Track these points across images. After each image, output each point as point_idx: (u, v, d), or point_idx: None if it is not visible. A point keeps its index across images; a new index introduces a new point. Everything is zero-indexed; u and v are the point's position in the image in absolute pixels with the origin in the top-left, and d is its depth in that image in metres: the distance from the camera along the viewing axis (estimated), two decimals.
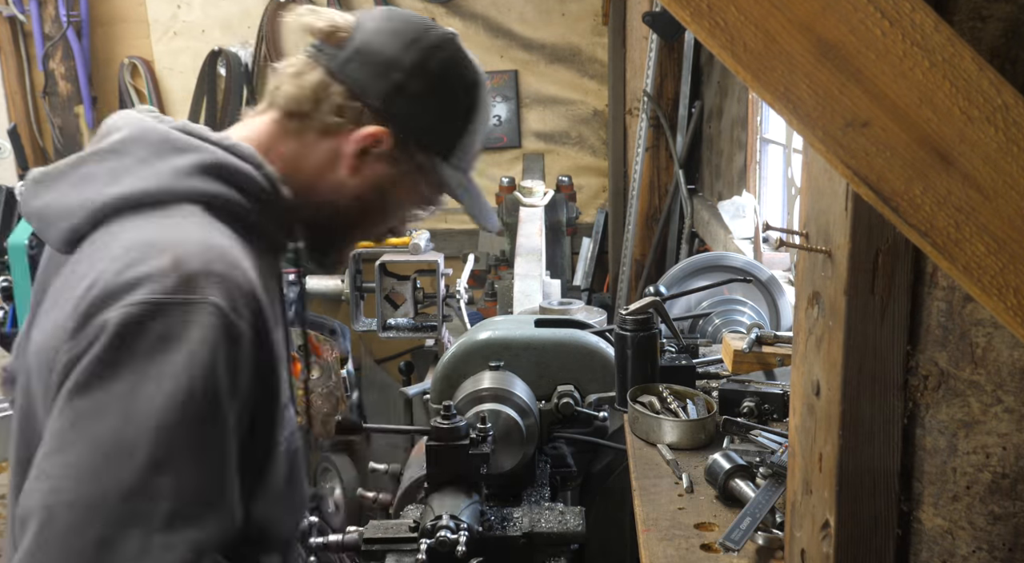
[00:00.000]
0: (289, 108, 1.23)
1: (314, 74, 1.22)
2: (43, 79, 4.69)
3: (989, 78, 0.64)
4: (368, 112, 1.22)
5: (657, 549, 1.25)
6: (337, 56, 1.22)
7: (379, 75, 1.21)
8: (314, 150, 1.24)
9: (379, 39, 1.23)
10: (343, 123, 1.22)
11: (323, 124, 1.22)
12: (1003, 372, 0.79)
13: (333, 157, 1.24)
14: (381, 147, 1.23)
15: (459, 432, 1.59)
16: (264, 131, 1.24)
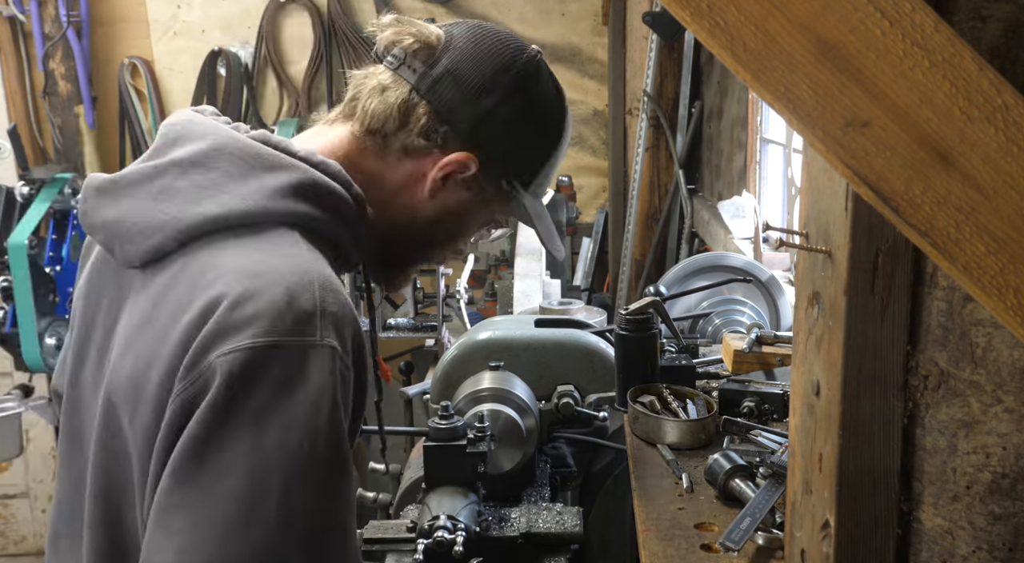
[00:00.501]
0: (372, 125, 1.18)
1: (400, 91, 1.17)
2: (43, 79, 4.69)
3: (989, 78, 0.64)
4: (454, 136, 1.17)
5: (657, 549, 1.25)
6: (427, 74, 1.17)
7: (470, 99, 1.17)
8: (395, 170, 1.19)
9: (471, 60, 1.18)
10: (428, 146, 1.17)
11: (407, 145, 1.18)
12: (1003, 372, 0.79)
13: (414, 178, 1.20)
14: (466, 173, 1.19)
15: (456, 432, 1.59)
16: (346, 146, 1.19)
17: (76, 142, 4.72)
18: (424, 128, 1.17)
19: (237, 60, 4.68)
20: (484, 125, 1.18)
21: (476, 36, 1.21)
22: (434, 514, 1.49)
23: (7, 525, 4.94)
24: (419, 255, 1.31)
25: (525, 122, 1.22)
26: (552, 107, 1.26)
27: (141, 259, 1.04)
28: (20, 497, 4.89)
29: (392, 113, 1.17)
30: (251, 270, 0.97)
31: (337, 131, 1.21)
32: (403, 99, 1.17)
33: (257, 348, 0.92)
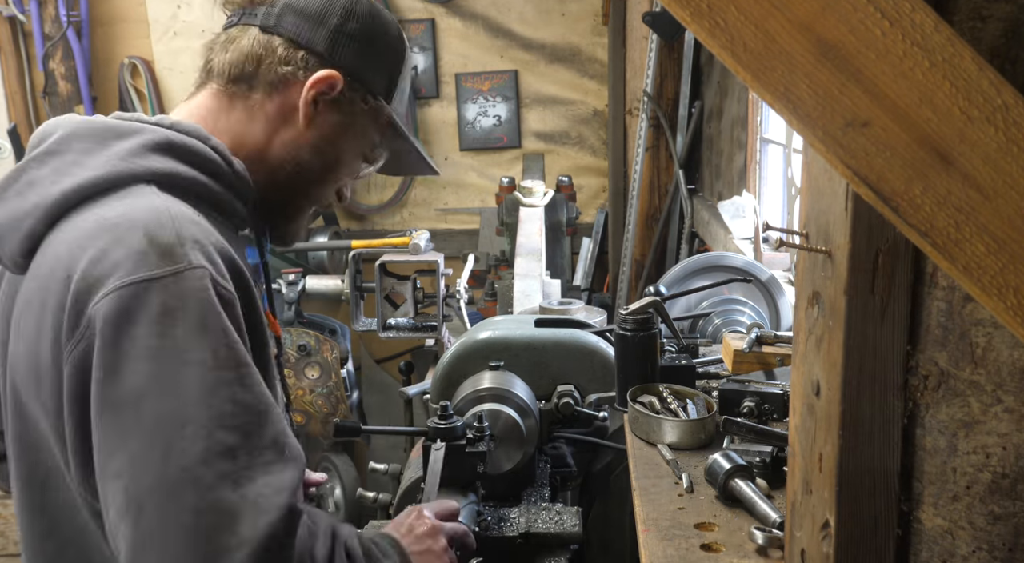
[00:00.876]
0: (232, 74, 1.23)
1: (249, 35, 1.24)
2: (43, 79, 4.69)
3: (989, 78, 0.64)
4: (313, 58, 1.22)
5: (657, 549, 1.25)
6: (269, 13, 1.24)
7: (317, 22, 1.23)
8: (264, 110, 1.23)
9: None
10: (291, 71, 1.22)
11: (271, 79, 1.22)
12: (1003, 372, 0.79)
13: (286, 111, 1.23)
14: (334, 92, 1.23)
15: (455, 432, 1.59)
16: (205, 105, 1.24)
17: None
18: (283, 57, 1.21)
19: None
20: (336, 42, 1.23)
21: None
22: None
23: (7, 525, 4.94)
24: (308, 194, 1.32)
25: (371, 35, 1.27)
26: (388, 21, 1.32)
27: (19, 251, 1.07)
28: None
29: (248, 55, 1.22)
30: (110, 223, 1.01)
31: (197, 97, 1.25)
32: (254, 39, 1.23)
33: (127, 287, 0.96)
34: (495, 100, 4.88)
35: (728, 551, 1.24)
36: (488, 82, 4.87)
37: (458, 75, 4.87)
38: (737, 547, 1.25)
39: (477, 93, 4.88)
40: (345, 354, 4.13)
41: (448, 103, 4.91)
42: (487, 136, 4.93)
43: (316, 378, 4.04)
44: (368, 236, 4.47)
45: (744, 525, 1.29)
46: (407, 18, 4.77)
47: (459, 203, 5.02)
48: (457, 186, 5.00)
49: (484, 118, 4.90)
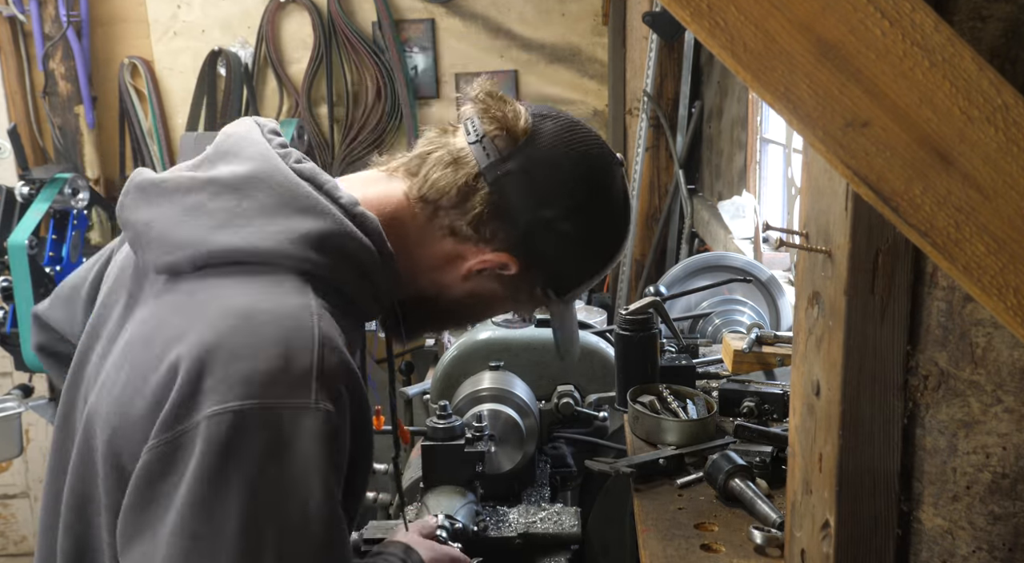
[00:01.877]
0: (429, 195, 1.13)
1: (467, 171, 1.12)
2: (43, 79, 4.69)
3: (989, 78, 0.64)
4: (503, 235, 1.13)
5: (657, 549, 1.25)
6: (499, 165, 1.11)
7: (532, 205, 1.12)
8: (435, 243, 1.15)
9: (548, 162, 1.12)
10: (475, 237, 1.13)
11: (455, 227, 1.13)
12: (1003, 372, 0.79)
13: (451, 258, 1.16)
14: (504, 272, 1.16)
15: (454, 432, 1.59)
16: (394, 203, 1.15)
17: (76, 142, 4.72)
18: (477, 218, 1.12)
19: (237, 60, 4.68)
20: (537, 235, 1.13)
21: (563, 137, 1.15)
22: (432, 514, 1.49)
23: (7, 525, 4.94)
24: (435, 325, 1.31)
25: (578, 241, 1.17)
26: (613, 227, 1.21)
27: (159, 270, 1.04)
28: (20, 497, 4.89)
29: (452, 191, 1.12)
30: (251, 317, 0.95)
31: (392, 185, 1.17)
32: (467, 181, 1.12)
33: (247, 411, 0.90)
34: None
35: (728, 551, 1.24)
36: None
37: (458, 75, 4.87)
38: (737, 547, 1.25)
39: None
40: None
41: (448, 103, 4.91)
42: None
43: None
44: None
45: (744, 525, 1.29)
46: (407, 18, 4.78)
47: None
48: None
49: None
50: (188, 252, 1.01)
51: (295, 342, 0.94)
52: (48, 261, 3.95)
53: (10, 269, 3.78)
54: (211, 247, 1.00)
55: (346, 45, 4.65)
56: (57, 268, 3.95)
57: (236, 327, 0.94)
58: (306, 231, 1.02)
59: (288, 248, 1.01)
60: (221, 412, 0.90)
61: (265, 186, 1.04)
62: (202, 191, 1.04)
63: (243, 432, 0.90)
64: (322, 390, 0.93)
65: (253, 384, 0.91)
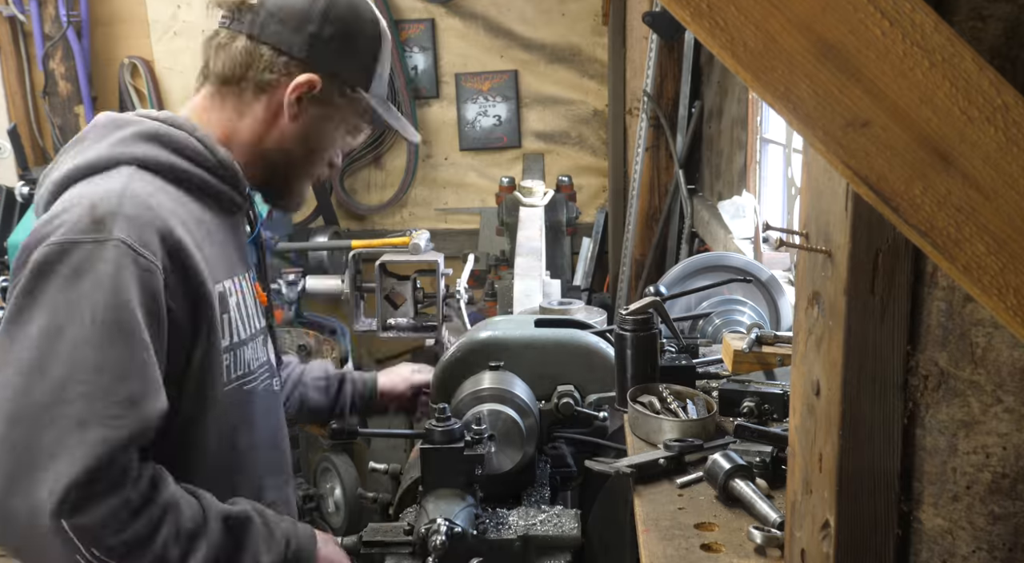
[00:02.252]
0: (224, 77, 1.42)
1: (239, 42, 1.41)
2: (43, 79, 4.69)
3: (989, 78, 0.64)
4: (294, 63, 1.41)
5: (657, 549, 1.25)
6: (255, 21, 1.40)
7: (296, 29, 1.40)
8: (254, 108, 1.44)
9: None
10: (275, 78, 1.41)
11: (258, 83, 1.42)
12: (1003, 372, 0.79)
13: (273, 109, 1.43)
14: (314, 91, 1.42)
15: (453, 435, 1.59)
16: (201, 104, 1.45)
17: None
18: (268, 63, 1.41)
19: None
20: (314, 46, 1.41)
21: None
22: (431, 517, 1.49)
23: None
24: (302, 171, 1.53)
25: (347, 34, 1.44)
26: (366, 17, 1.48)
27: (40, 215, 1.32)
28: None
29: (237, 61, 1.41)
30: (76, 194, 1.26)
31: (196, 97, 1.47)
32: (243, 46, 1.41)
33: (55, 244, 1.20)
34: (495, 100, 4.87)
35: (728, 551, 1.24)
36: (488, 82, 4.87)
37: (458, 75, 4.87)
38: (737, 547, 1.25)
39: (477, 93, 4.88)
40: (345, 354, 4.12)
41: (448, 103, 4.91)
42: (487, 136, 4.93)
43: None
44: (368, 236, 4.47)
45: (744, 525, 1.29)
46: (407, 18, 4.77)
47: (459, 203, 5.02)
48: (457, 186, 5.00)
49: (484, 118, 4.90)
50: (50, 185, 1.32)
51: (100, 196, 1.24)
52: None
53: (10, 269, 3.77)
54: (57, 175, 1.32)
55: None
56: None
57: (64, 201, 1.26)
58: (124, 135, 1.33)
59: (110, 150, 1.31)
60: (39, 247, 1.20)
61: (97, 126, 1.38)
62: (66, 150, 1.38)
63: (50, 260, 1.19)
64: (120, 228, 1.21)
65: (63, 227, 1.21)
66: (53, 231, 1.21)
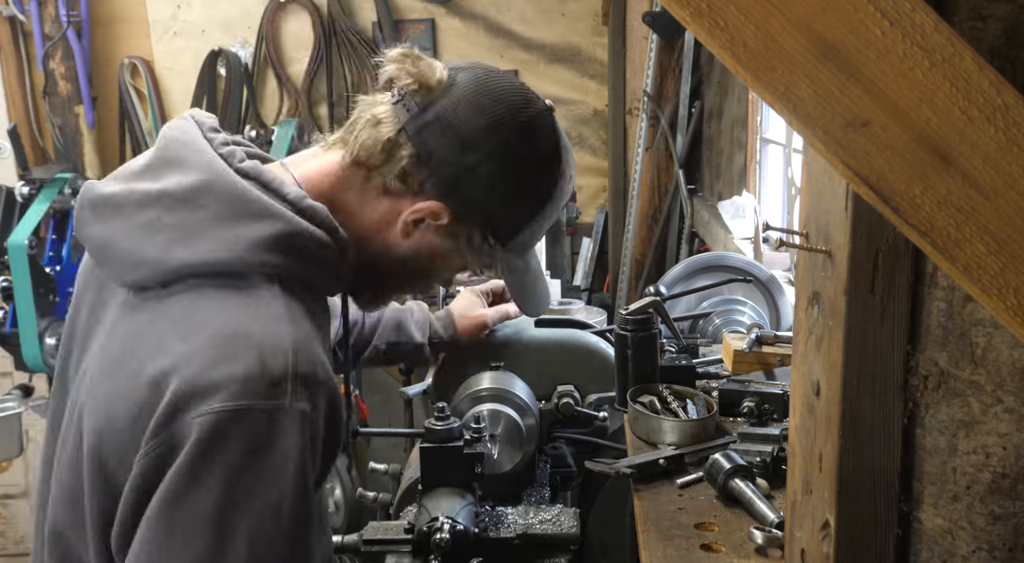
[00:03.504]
0: (359, 156, 1.19)
1: (391, 128, 1.17)
2: (43, 79, 4.69)
3: (989, 78, 0.64)
4: (431, 184, 1.17)
5: (657, 549, 1.25)
6: (419, 117, 1.16)
7: (455, 149, 1.16)
8: (373, 205, 1.21)
9: (466, 109, 1.17)
10: (404, 190, 1.18)
11: (386, 184, 1.19)
12: (1003, 372, 0.79)
13: (389, 217, 1.21)
14: (438, 222, 1.20)
15: (453, 433, 1.59)
16: (332, 175, 1.20)
17: (76, 142, 4.72)
18: (403, 171, 1.17)
19: (237, 60, 4.68)
20: (463, 179, 1.17)
21: (479, 84, 1.19)
22: (432, 516, 1.49)
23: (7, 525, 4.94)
24: (392, 289, 1.34)
25: (508, 182, 1.20)
26: (544, 168, 1.25)
27: (124, 285, 1.09)
28: (20, 497, 4.89)
29: (378, 148, 1.18)
30: (227, 330, 1.02)
31: (330, 158, 1.22)
32: (390, 137, 1.17)
33: (227, 412, 0.96)
34: None
35: (728, 551, 1.24)
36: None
37: None
38: (737, 547, 1.25)
39: None
40: None
41: None
42: None
43: None
44: None
45: (744, 525, 1.29)
46: (407, 18, 4.78)
47: None
48: None
49: None
50: (149, 270, 1.06)
51: (269, 348, 1.01)
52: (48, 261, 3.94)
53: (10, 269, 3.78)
54: (173, 265, 1.06)
55: (346, 45, 4.65)
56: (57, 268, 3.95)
57: (211, 342, 1.00)
58: (259, 236, 1.07)
59: (246, 257, 1.06)
60: (205, 413, 0.96)
61: (214, 196, 1.08)
62: (156, 206, 1.09)
63: (223, 431, 0.96)
64: (297, 391, 1.00)
65: (233, 387, 0.97)
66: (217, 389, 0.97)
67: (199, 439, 0.95)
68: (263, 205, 1.09)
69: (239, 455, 0.96)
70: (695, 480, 1.45)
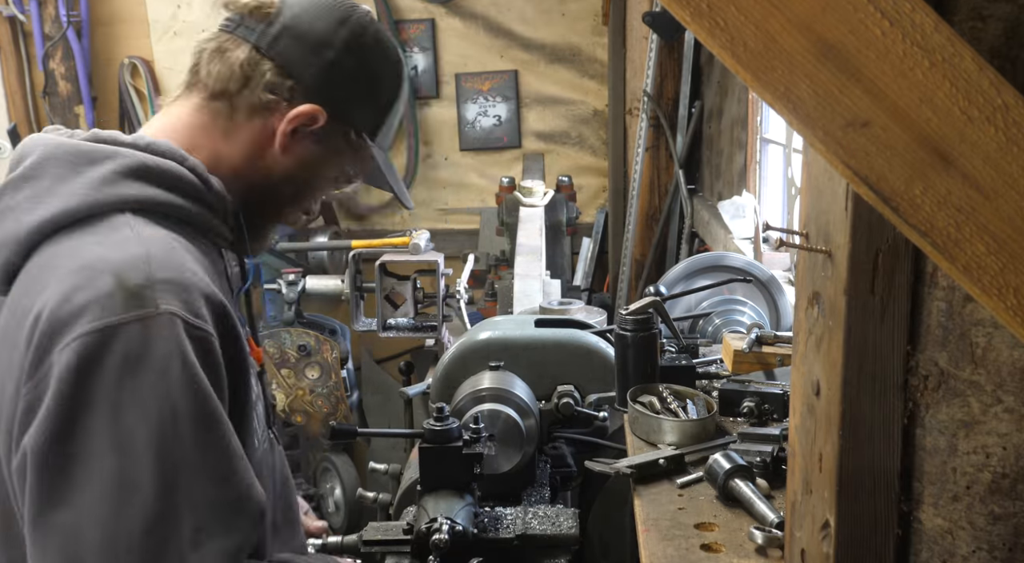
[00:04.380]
0: (215, 88, 1.18)
1: (241, 51, 1.18)
2: (43, 79, 4.69)
3: (989, 78, 0.64)
4: (300, 89, 1.18)
5: (657, 549, 1.25)
6: (266, 32, 1.18)
7: (312, 52, 1.18)
8: (243, 130, 1.20)
9: (309, 15, 1.19)
10: (275, 101, 1.18)
11: (254, 103, 1.18)
12: (1003, 372, 0.79)
13: (264, 136, 1.20)
14: (315, 125, 1.20)
15: (451, 434, 1.59)
16: (186, 120, 1.19)
17: None
18: (269, 83, 1.17)
19: None
20: (327, 77, 1.19)
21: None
22: (431, 516, 1.49)
23: None
24: (278, 214, 1.31)
25: (366, 73, 1.24)
26: (390, 58, 1.28)
27: None
28: None
29: (235, 72, 1.17)
30: (81, 263, 0.99)
31: (179, 107, 1.21)
32: (245, 57, 1.17)
33: (92, 332, 0.94)
34: (495, 100, 4.87)
35: (728, 551, 1.24)
36: (488, 82, 4.87)
37: (458, 75, 4.86)
38: (737, 547, 1.25)
39: (477, 93, 4.88)
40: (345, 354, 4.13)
41: (448, 103, 4.91)
42: (487, 136, 4.93)
43: (316, 378, 4.04)
44: (368, 236, 4.47)
45: (744, 525, 1.29)
46: (407, 18, 4.77)
47: (459, 203, 5.02)
48: (457, 186, 5.00)
49: (484, 118, 4.90)
50: (10, 245, 1.05)
51: (122, 264, 0.99)
52: None
53: None
54: (29, 227, 1.04)
55: None
56: None
57: (64, 277, 0.98)
58: (102, 174, 1.06)
59: (93, 195, 1.05)
60: (69, 341, 0.94)
61: (53, 160, 1.08)
62: (3, 196, 1.08)
63: (92, 354, 0.93)
64: (163, 296, 0.98)
65: (91, 311, 0.95)
66: (72, 318, 0.95)
67: (69, 366, 0.93)
68: (99, 150, 1.09)
69: (115, 372, 0.93)
70: (695, 480, 1.45)
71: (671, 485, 1.45)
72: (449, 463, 1.58)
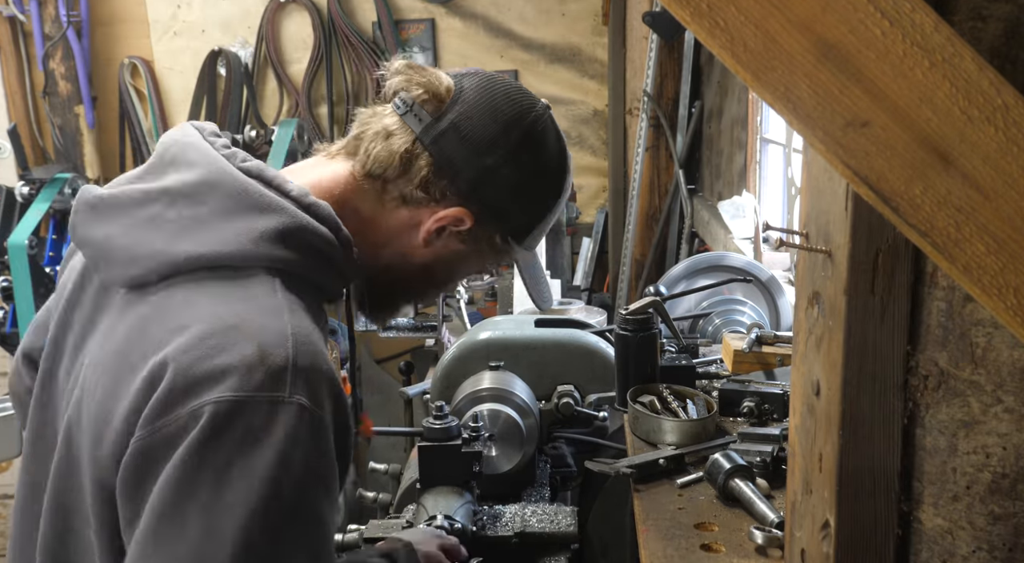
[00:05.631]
0: (373, 169, 1.18)
1: (405, 139, 1.17)
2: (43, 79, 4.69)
3: (989, 78, 0.64)
4: (453, 190, 1.18)
5: (657, 549, 1.25)
6: (433, 127, 1.17)
7: (472, 156, 1.17)
8: (390, 215, 1.20)
9: (481, 114, 1.18)
10: (426, 199, 1.18)
11: (406, 194, 1.18)
12: (1003, 372, 0.79)
13: (409, 226, 1.20)
14: (461, 227, 1.20)
15: (451, 432, 1.59)
16: (342, 184, 1.19)
17: (76, 142, 4.72)
18: (424, 180, 1.17)
19: (237, 60, 4.68)
20: (483, 183, 1.18)
21: (486, 90, 1.20)
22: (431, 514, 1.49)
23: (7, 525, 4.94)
24: (407, 297, 1.33)
25: (525, 182, 1.22)
26: (554, 166, 1.26)
27: (123, 284, 1.06)
28: None
29: (394, 161, 1.17)
30: (227, 323, 0.99)
31: (336, 167, 1.21)
32: (406, 148, 1.17)
33: (226, 403, 0.94)
34: None
35: (728, 551, 1.24)
36: None
37: None
38: (737, 547, 1.25)
39: None
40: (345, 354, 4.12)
41: None
42: None
43: None
44: None
45: (744, 525, 1.29)
46: (407, 18, 4.77)
47: None
48: None
49: None
50: (151, 264, 1.04)
51: (269, 338, 0.98)
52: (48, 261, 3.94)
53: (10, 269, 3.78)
54: (174, 257, 1.03)
55: (346, 45, 4.65)
56: (57, 268, 3.95)
57: (210, 331, 0.98)
58: (264, 229, 1.05)
59: (250, 248, 1.04)
60: (199, 406, 0.94)
61: (217, 190, 1.07)
62: (156, 203, 1.06)
63: (220, 424, 0.94)
64: (296, 384, 0.97)
65: (232, 379, 0.94)
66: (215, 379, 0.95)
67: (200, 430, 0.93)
68: (268, 199, 1.07)
69: (233, 447, 0.94)
70: (695, 480, 1.45)
71: (671, 485, 1.45)
72: (448, 461, 1.58)
